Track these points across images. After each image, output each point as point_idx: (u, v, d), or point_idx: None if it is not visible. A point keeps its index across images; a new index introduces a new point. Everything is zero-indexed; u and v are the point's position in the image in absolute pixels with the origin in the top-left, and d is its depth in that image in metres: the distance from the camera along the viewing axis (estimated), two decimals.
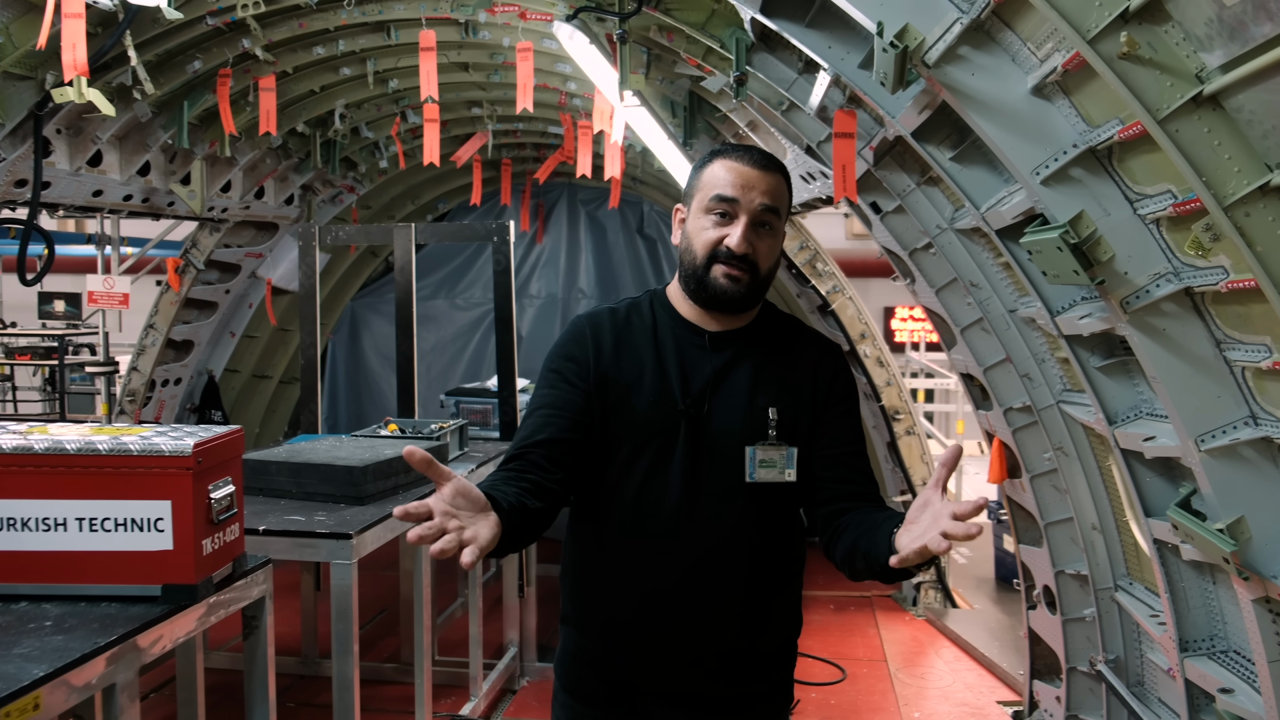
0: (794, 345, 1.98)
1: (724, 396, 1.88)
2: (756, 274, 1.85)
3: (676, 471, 1.85)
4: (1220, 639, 2.93)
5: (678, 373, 1.88)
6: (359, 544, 2.98)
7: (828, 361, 1.99)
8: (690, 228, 1.89)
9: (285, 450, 3.56)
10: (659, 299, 1.99)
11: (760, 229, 1.84)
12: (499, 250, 4.65)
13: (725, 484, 1.85)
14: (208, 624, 2.37)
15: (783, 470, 1.86)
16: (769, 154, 1.91)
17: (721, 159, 1.88)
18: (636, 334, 1.92)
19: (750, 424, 1.87)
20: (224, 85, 4.79)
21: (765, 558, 1.90)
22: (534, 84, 5.34)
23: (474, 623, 4.32)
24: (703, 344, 1.91)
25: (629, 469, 1.87)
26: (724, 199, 1.83)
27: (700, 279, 1.86)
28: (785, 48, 3.69)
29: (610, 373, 1.88)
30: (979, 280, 3.63)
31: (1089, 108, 2.34)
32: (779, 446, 1.86)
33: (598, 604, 1.92)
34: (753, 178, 1.83)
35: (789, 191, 1.91)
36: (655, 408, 1.86)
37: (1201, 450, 2.43)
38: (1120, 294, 2.44)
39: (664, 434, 1.85)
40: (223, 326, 6.98)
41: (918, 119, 2.93)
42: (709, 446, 1.86)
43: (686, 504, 1.83)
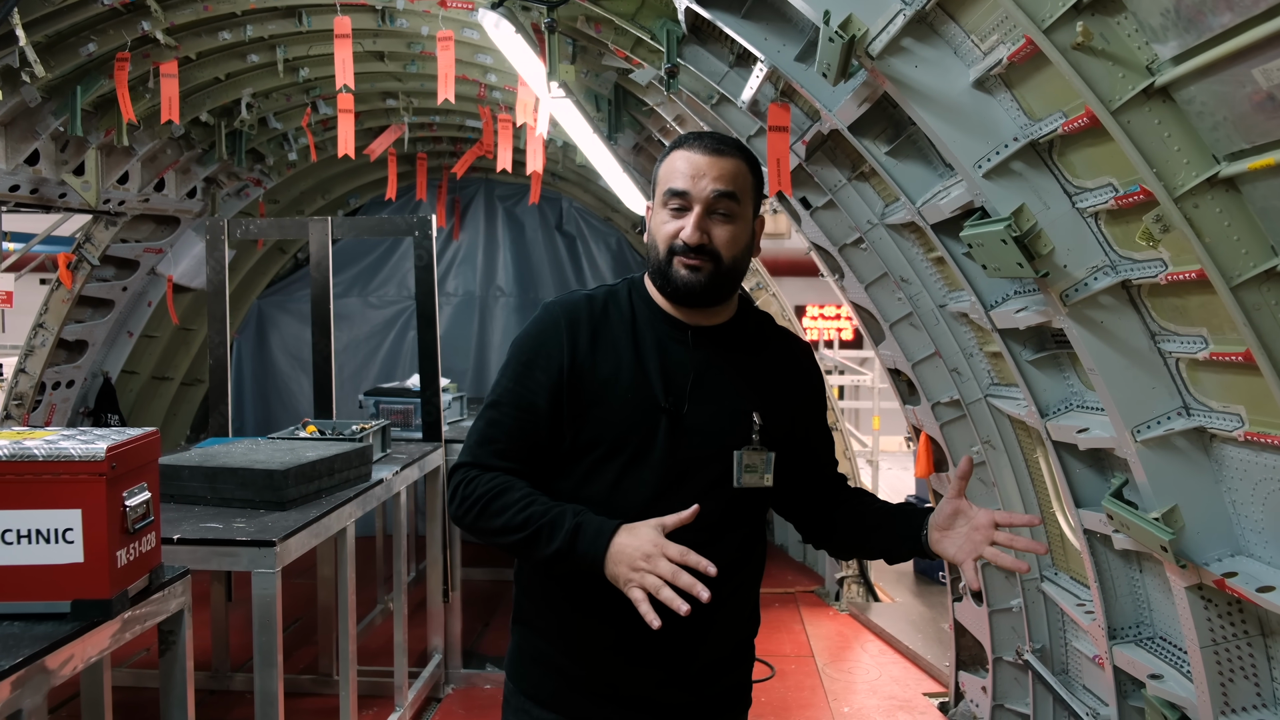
0: (770, 344, 1.96)
1: (705, 396, 1.82)
2: (719, 263, 1.79)
3: (653, 472, 1.78)
4: (1146, 625, 3.00)
5: (658, 369, 1.81)
6: (283, 551, 2.83)
7: (803, 361, 1.99)
8: (652, 224, 1.85)
9: (198, 454, 3.36)
10: (637, 289, 1.91)
11: (716, 216, 1.78)
12: (420, 245, 4.51)
13: (704, 487, 1.79)
14: (122, 641, 2.20)
15: (763, 475, 1.82)
16: (727, 138, 1.85)
17: (677, 150, 1.83)
18: (614, 325, 1.85)
19: (732, 426, 1.82)
20: (122, 70, 4.53)
21: (736, 560, 1.85)
22: (455, 75, 5.23)
23: (399, 629, 4.17)
24: (684, 340, 1.85)
25: (602, 466, 1.79)
26: (675, 193, 1.79)
27: (664, 273, 1.81)
28: (717, 40, 3.65)
29: (586, 367, 1.81)
30: (909, 275, 3.66)
31: (1031, 101, 2.35)
32: (761, 451, 1.82)
33: (556, 605, 1.84)
34: (703, 165, 1.78)
35: (752, 173, 1.84)
36: (634, 405, 1.79)
37: (1137, 441, 2.47)
38: (1060, 287, 2.46)
39: (642, 432, 1.78)
40: (119, 326, 6.63)
41: (857, 112, 2.92)
42: (693, 447, 1.80)
43: (662, 506, 1.72)
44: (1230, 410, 2.28)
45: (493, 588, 6.36)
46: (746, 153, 1.85)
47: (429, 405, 4.51)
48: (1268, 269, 1.80)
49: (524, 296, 7.62)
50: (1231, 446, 2.33)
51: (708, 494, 1.77)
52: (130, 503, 2.16)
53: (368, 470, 3.58)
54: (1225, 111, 1.72)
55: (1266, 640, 2.41)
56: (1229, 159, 1.78)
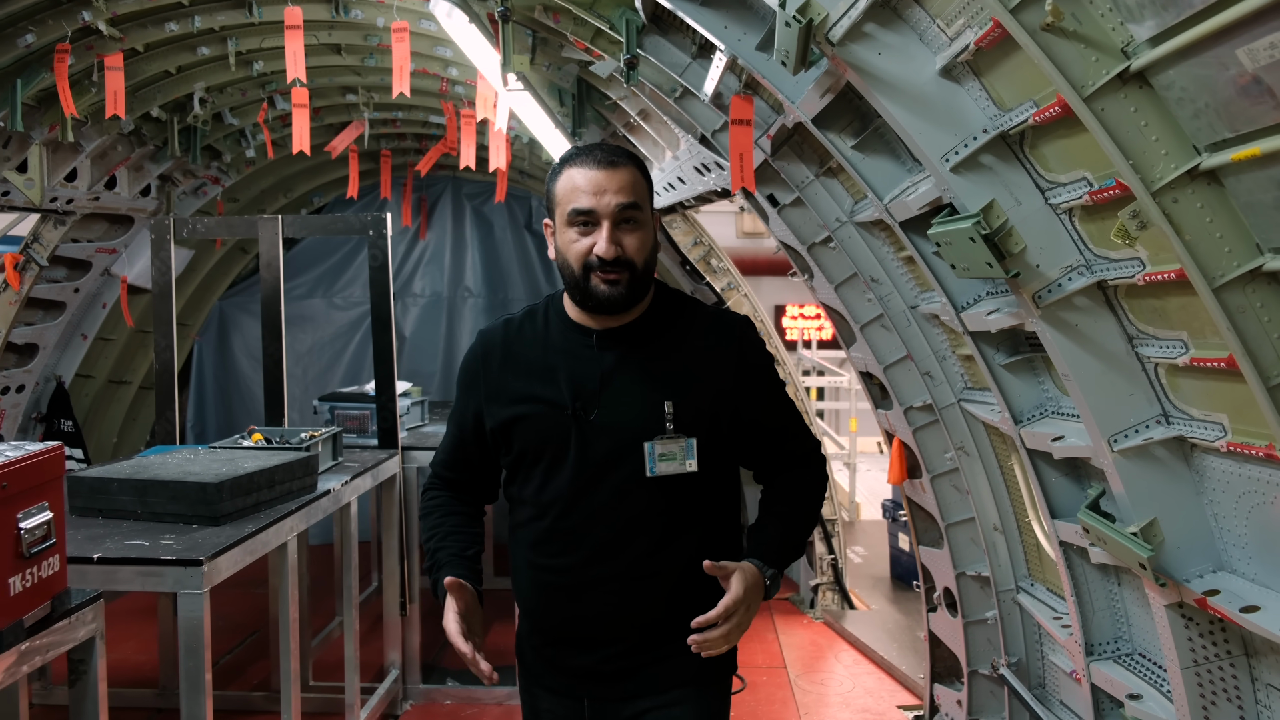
0: (691, 328, 1.99)
1: (615, 395, 1.91)
2: (634, 270, 1.87)
3: (569, 474, 1.91)
4: (1125, 641, 2.87)
5: (567, 377, 1.92)
6: (211, 571, 2.65)
7: (730, 337, 2.00)
8: (560, 242, 1.91)
9: (130, 466, 3.18)
10: (555, 303, 2.02)
11: (624, 226, 1.86)
12: (375, 245, 4.33)
13: (623, 480, 1.90)
14: (18, 674, 2.03)
15: (683, 462, 1.90)
16: (615, 148, 1.91)
17: (568, 168, 1.90)
18: (527, 342, 1.98)
19: (647, 419, 1.90)
20: (61, 62, 4.33)
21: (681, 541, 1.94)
22: (412, 68, 5.06)
23: (350, 644, 4.00)
24: (590, 344, 1.94)
25: (530, 472, 1.96)
26: (580, 212, 1.85)
27: (583, 289, 1.89)
28: (679, 30, 3.50)
29: (499, 388, 1.97)
30: (879, 275, 3.52)
31: (1001, 90, 2.21)
32: (677, 439, 1.90)
33: (519, 588, 2.05)
34: (602, 180, 1.85)
35: (645, 178, 1.92)
36: (545, 414, 1.92)
37: (1114, 451, 2.33)
38: (1032, 288, 2.33)
39: (557, 439, 1.91)
40: (73, 328, 6.41)
41: (819, 104, 2.77)
42: (605, 446, 1.90)
43: (581, 504, 1.91)
44: (1212, 419, 2.14)
45: None
46: (635, 158, 1.93)
47: (384, 411, 4.34)
48: (1252, 269, 1.66)
49: (493, 297, 7.44)
50: (1213, 457, 2.20)
51: (626, 487, 1.90)
52: (26, 525, 1.99)
53: (312, 481, 3.41)
54: (1207, 97, 1.58)
55: (1251, 661, 2.28)
56: (1211, 149, 1.64)
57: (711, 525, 2.01)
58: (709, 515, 2.00)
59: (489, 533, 6.48)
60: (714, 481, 1.98)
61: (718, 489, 2.01)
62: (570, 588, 1.95)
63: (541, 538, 1.96)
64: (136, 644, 5.23)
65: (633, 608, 1.94)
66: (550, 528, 1.95)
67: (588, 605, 1.95)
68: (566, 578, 1.95)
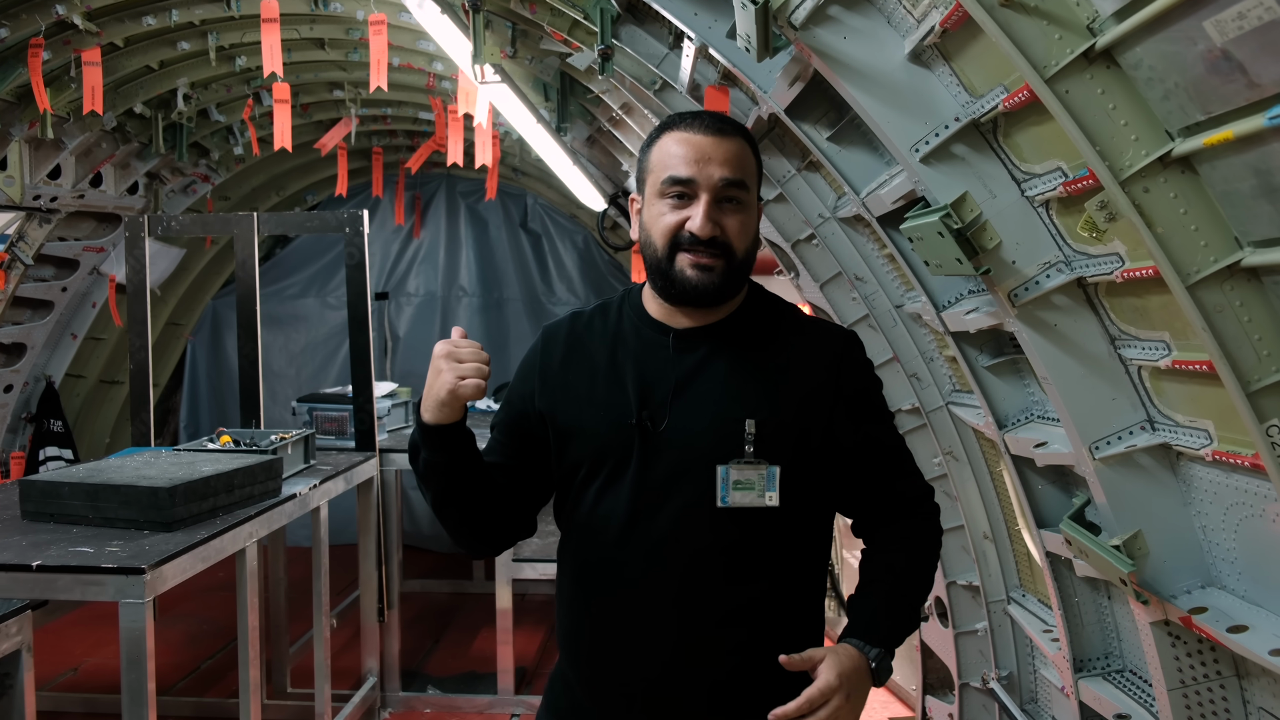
0: (786, 337, 1.69)
1: (689, 406, 1.62)
2: (731, 258, 1.59)
3: (627, 493, 1.62)
4: (1115, 657, 2.74)
5: (636, 380, 1.64)
6: (154, 579, 2.55)
7: (838, 356, 1.68)
8: (647, 216, 1.64)
9: (84, 469, 3.09)
10: (631, 296, 1.75)
11: (726, 205, 1.58)
12: (352, 243, 4.23)
13: (687, 508, 1.60)
14: None
15: (762, 493, 1.59)
16: (725, 116, 1.64)
17: (670, 131, 1.62)
18: (595, 339, 1.72)
19: (722, 438, 1.60)
20: (35, 57, 4.25)
21: (751, 591, 1.62)
22: (395, 62, 4.95)
23: (319, 650, 3.89)
24: (666, 344, 1.66)
25: (585, 489, 1.67)
26: (678, 180, 1.58)
27: (665, 273, 1.61)
28: (654, 20, 3.38)
29: (558, 389, 1.70)
30: (864, 273, 3.39)
31: (971, 75, 2.08)
32: (756, 465, 1.58)
33: (562, 623, 1.76)
34: (708, 148, 1.58)
35: (756, 157, 1.65)
36: (608, 422, 1.64)
37: (1095, 458, 2.20)
38: (1008, 285, 2.20)
39: (618, 452, 1.63)
40: (62, 328, 6.34)
41: (789, 93, 2.65)
42: (670, 465, 1.61)
43: (638, 531, 1.61)
44: (1198, 425, 2.01)
45: (449, 600, 6.09)
46: (747, 132, 1.65)
47: (362, 413, 4.24)
48: (1230, 264, 1.53)
49: (487, 296, 7.34)
50: (1200, 466, 2.07)
51: (691, 517, 1.60)
52: None
53: (276, 485, 3.31)
54: (1177, 76, 1.45)
55: (1242, 684, 2.14)
56: (1184, 134, 1.51)
57: (790, 578, 1.67)
58: (788, 564, 1.66)
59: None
60: (798, 524, 1.65)
61: (802, 534, 1.67)
62: (617, 634, 1.66)
63: (588, 568, 1.68)
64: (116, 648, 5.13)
65: (689, 669, 1.62)
66: (599, 557, 1.66)
67: (636, 658, 1.64)
68: (613, 620, 1.65)
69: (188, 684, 4.83)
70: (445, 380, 1.55)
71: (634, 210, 1.71)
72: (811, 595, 1.71)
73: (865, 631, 1.62)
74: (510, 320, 7.24)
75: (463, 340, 1.59)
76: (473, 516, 1.71)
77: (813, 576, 1.71)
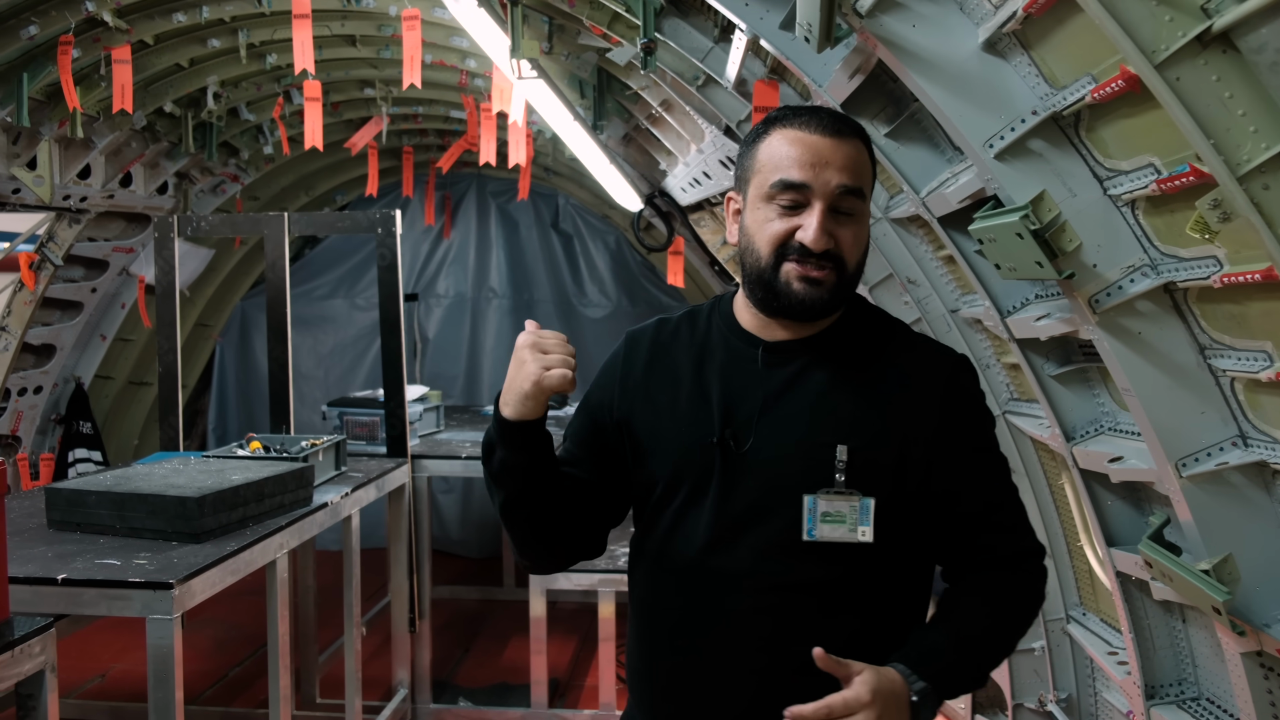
0: (889, 357, 1.53)
1: (776, 426, 1.48)
2: (843, 271, 1.45)
3: (705, 520, 1.49)
4: (1190, 684, 2.58)
5: (721, 396, 1.51)
6: (182, 595, 2.45)
7: (937, 376, 1.52)
8: (749, 221, 1.50)
9: (112, 477, 3.00)
10: (722, 305, 1.62)
11: (840, 216, 1.45)
12: (383, 243, 4.14)
13: (771, 539, 1.46)
14: None
15: (854, 527, 1.44)
16: (842, 114, 1.49)
17: (781, 128, 1.48)
18: (680, 349, 1.59)
19: (810, 463, 1.46)
20: (65, 55, 4.18)
21: (838, 634, 1.44)
22: (428, 59, 4.86)
23: (350, 660, 3.79)
24: (754, 358, 1.52)
25: (661, 512, 1.55)
26: (790, 185, 1.44)
27: (769, 284, 1.47)
28: (699, 12, 3.25)
29: (639, 399, 1.59)
30: (917, 276, 3.24)
31: (1053, 64, 1.94)
32: (848, 496, 1.44)
33: (632, 662, 1.64)
34: (825, 150, 1.44)
35: (872, 159, 1.50)
36: (688, 439, 1.51)
37: (1182, 476, 2.05)
38: (1088, 291, 2.05)
39: (697, 473, 1.50)
40: (91, 329, 6.30)
41: (849, 86, 2.51)
42: (753, 491, 1.47)
43: (716, 563, 1.48)
44: None
45: (477, 608, 5.99)
46: (864, 132, 1.51)
47: (393, 418, 4.14)
48: None
49: (518, 298, 7.23)
50: None
51: (774, 549, 1.46)
52: None
53: (308, 494, 3.21)
54: None
55: None
56: None
57: (884, 622, 1.51)
58: (882, 607, 1.51)
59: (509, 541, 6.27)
60: (895, 564, 1.50)
61: (899, 575, 1.52)
62: (692, 677, 1.52)
63: (661, 603, 1.55)
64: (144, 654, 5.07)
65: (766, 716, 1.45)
66: (674, 590, 1.53)
67: (713, 705, 1.51)
68: (688, 663, 1.51)
69: (215, 692, 4.76)
70: (529, 370, 1.44)
71: (731, 211, 1.57)
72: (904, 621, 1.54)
73: (917, 661, 1.42)
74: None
75: (547, 331, 1.48)
76: (543, 526, 1.57)
77: (908, 622, 1.54)
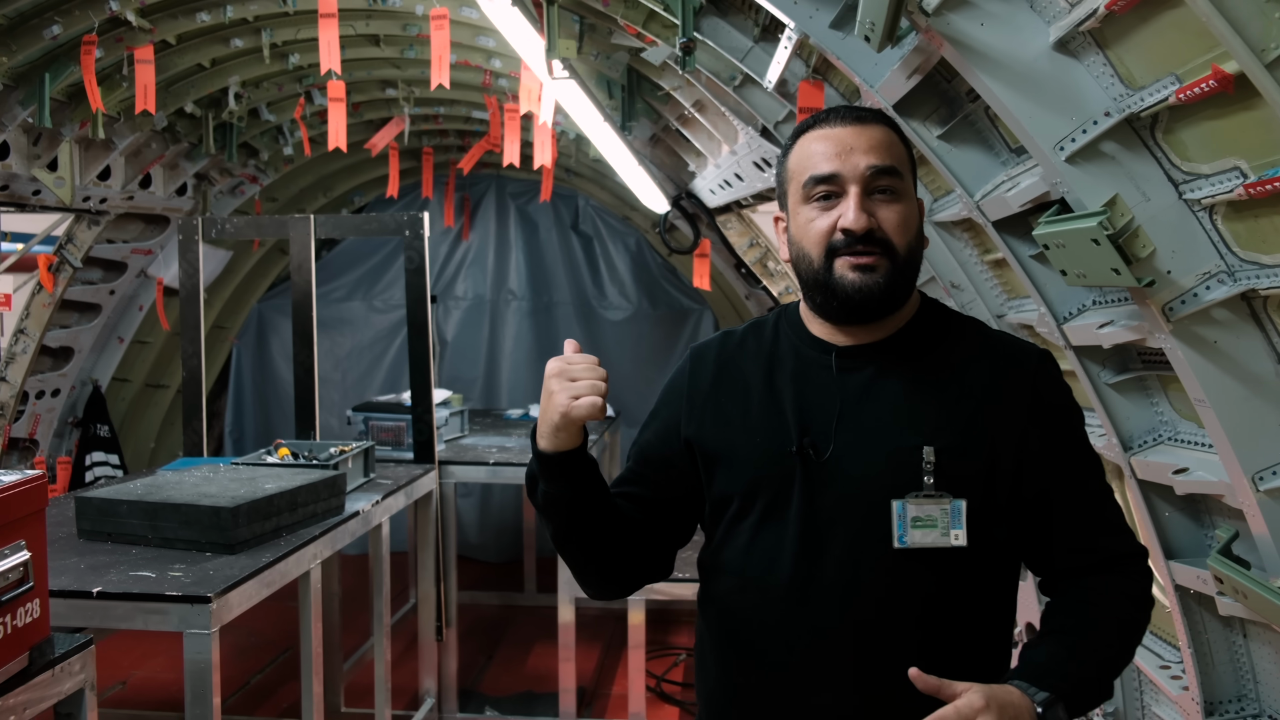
0: (968, 354, 1.50)
1: (857, 431, 1.44)
2: (893, 254, 1.43)
3: (789, 532, 1.44)
4: (1250, 701, 2.51)
5: (795, 404, 1.48)
6: (221, 608, 2.40)
7: (1021, 371, 1.48)
8: (794, 228, 1.50)
9: (142, 485, 2.95)
10: (789, 314, 1.60)
11: (879, 196, 1.43)
12: (411, 246, 4.08)
13: (859, 551, 1.41)
14: None
15: (946, 531, 1.39)
16: (862, 107, 1.51)
17: (806, 133, 1.50)
18: (747, 360, 1.56)
19: (897, 467, 1.41)
20: (88, 55, 4.13)
21: (944, 651, 1.40)
22: (453, 59, 4.79)
23: (380, 668, 3.74)
24: (828, 363, 1.49)
25: (736, 528, 1.50)
26: (820, 178, 1.44)
27: (825, 284, 1.44)
28: (739, 11, 3.19)
29: (708, 414, 1.55)
30: (960, 281, 3.17)
31: (1131, 64, 1.87)
32: (938, 499, 1.39)
33: (703, 689, 1.58)
34: (849, 137, 1.44)
35: (905, 142, 1.50)
36: (764, 451, 1.47)
37: (1259, 490, 1.98)
38: (1162, 298, 1.98)
39: (776, 485, 1.46)
40: (109, 331, 6.25)
41: (904, 86, 2.44)
42: (837, 500, 1.43)
43: (801, 578, 1.42)
44: None
45: (499, 614, 5.93)
46: (890, 121, 1.51)
47: (420, 423, 4.08)
48: None
49: (537, 300, 7.17)
50: None
51: (863, 561, 1.41)
52: None
53: (339, 502, 3.15)
54: None
55: None
56: None
57: (981, 632, 1.45)
58: (979, 616, 1.45)
59: (531, 544, 6.21)
60: (990, 569, 1.45)
61: (994, 581, 1.47)
62: (778, 700, 1.45)
63: (740, 622, 1.48)
64: (166, 659, 5.03)
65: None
66: (754, 608, 1.46)
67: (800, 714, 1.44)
68: (774, 685, 1.45)
69: (238, 700, 4.70)
70: (557, 402, 1.40)
71: (780, 231, 1.56)
72: (1002, 654, 1.48)
73: (1033, 674, 1.35)
74: (560, 325, 7.07)
75: (575, 355, 1.44)
76: (599, 554, 1.53)
77: (1002, 632, 1.48)
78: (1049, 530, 1.47)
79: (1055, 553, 1.49)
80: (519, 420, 5.97)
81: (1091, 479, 1.50)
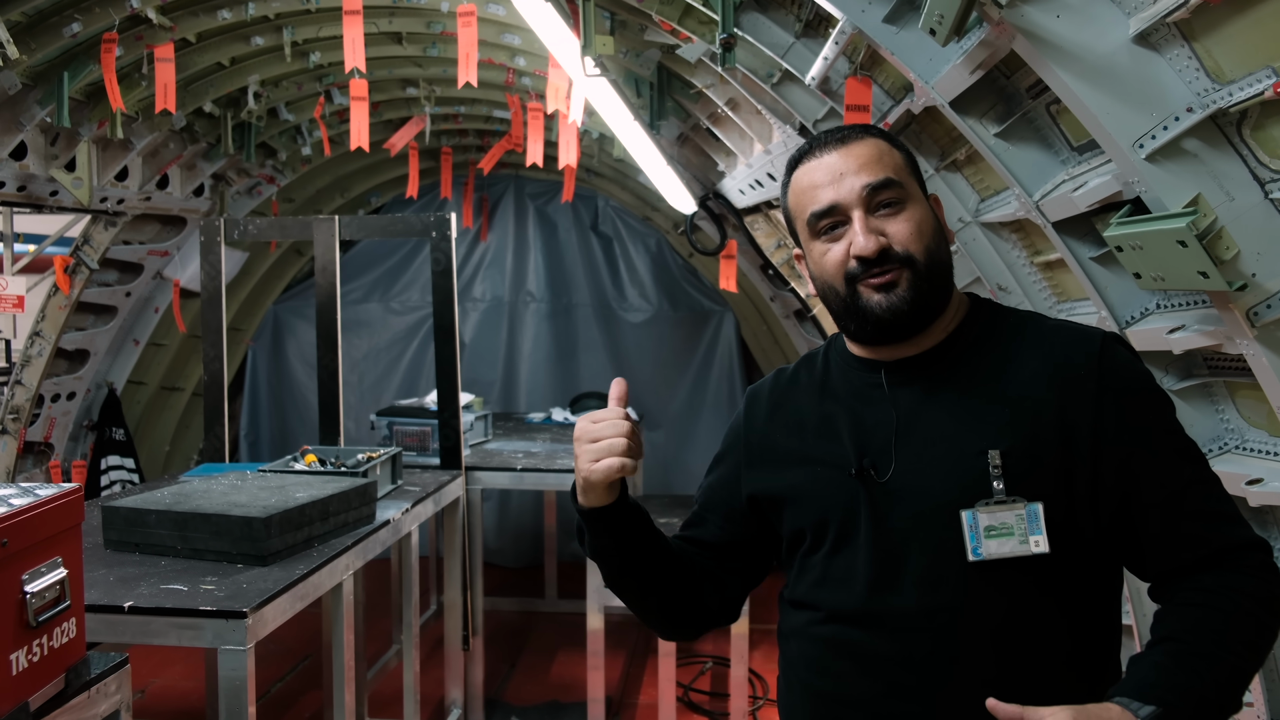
0: (1023, 347, 1.43)
1: (917, 447, 1.39)
2: (913, 264, 1.39)
3: (861, 559, 1.39)
4: None
5: (851, 428, 1.44)
6: (255, 624, 2.31)
7: (1082, 355, 1.38)
8: (812, 263, 1.49)
9: (170, 495, 2.87)
10: (838, 342, 1.57)
11: (882, 211, 1.41)
12: (438, 247, 4.00)
13: (932, 568, 1.35)
14: None
15: (1024, 538, 1.31)
16: (845, 126, 1.46)
17: (797, 169, 1.49)
18: (800, 393, 1.55)
19: (963, 477, 1.35)
20: (109, 53, 4.06)
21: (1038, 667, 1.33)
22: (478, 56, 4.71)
23: (408, 672, 3.66)
24: (878, 381, 1.45)
25: (808, 561, 1.47)
26: (821, 213, 1.43)
27: (854, 311, 1.43)
28: (780, 6, 3.10)
29: (764, 449, 1.54)
30: (1008, 283, 3.08)
31: (1220, 57, 1.78)
32: (1011, 504, 1.32)
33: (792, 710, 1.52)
34: (836, 163, 1.43)
35: (896, 147, 1.47)
36: (826, 478, 1.44)
37: None
38: (1246, 303, 1.89)
39: (841, 511, 1.42)
40: (124, 333, 6.18)
41: (964, 82, 2.36)
42: (905, 519, 1.37)
43: (877, 603, 1.37)
44: None
45: (521, 620, 5.85)
46: (875, 129, 1.48)
47: (447, 428, 4.00)
48: None
49: (556, 302, 7.08)
50: None
51: (938, 578, 1.35)
52: (33, 588, 1.66)
53: (370, 511, 3.07)
54: None
55: None
56: None
57: (1080, 646, 1.36)
58: (1075, 628, 1.35)
59: (551, 549, 6.13)
60: (1080, 575, 1.36)
61: (1088, 588, 1.37)
62: None
63: (823, 652, 1.43)
64: (184, 668, 4.96)
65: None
66: (835, 637, 1.41)
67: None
68: (861, 712, 1.39)
69: (259, 709, 4.61)
70: (579, 466, 1.40)
71: (801, 267, 1.54)
72: (1107, 671, 1.38)
73: (1137, 688, 1.23)
74: (579, 327, 6.99)
75: (602, 413, 1.40)
76: (655, 599, 1.52)
77: (1106, 646, 1.39)
78: (1144, 524, 1.36)
79: (1154, 549, 1.37)
80: (541, 424, 5.89)
81: (1187, 464, 1.38)
